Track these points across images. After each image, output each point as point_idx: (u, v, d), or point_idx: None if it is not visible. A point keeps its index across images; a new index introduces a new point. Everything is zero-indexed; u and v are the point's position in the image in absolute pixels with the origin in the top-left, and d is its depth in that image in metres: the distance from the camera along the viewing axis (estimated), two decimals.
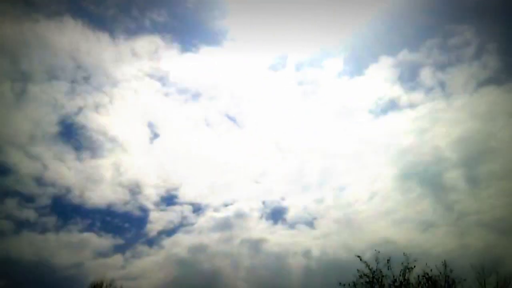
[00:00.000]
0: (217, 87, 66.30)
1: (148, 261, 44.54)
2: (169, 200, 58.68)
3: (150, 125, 55.93)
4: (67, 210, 41.59)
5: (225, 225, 53.28)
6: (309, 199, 60.94)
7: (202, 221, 53.48)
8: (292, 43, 73.04)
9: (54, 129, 33.09)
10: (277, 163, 65.60)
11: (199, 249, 48.98)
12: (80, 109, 37.14)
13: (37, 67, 31.66)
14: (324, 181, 62.08)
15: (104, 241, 42.43)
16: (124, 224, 48.48)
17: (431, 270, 25.82)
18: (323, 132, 68.40)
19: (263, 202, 59.27)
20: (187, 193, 57.42)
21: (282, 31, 75.96)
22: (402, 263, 26.28)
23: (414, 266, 26.23)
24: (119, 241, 47.71)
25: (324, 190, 61.27)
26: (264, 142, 69.57)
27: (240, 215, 54.43)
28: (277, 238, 52.44)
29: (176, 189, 57.21)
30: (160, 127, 56.50)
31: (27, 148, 30.20)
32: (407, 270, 26.09)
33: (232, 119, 65.83)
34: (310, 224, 58.35)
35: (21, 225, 33.59)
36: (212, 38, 60.63)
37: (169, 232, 55.38)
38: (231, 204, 58.84)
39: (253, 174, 66.88)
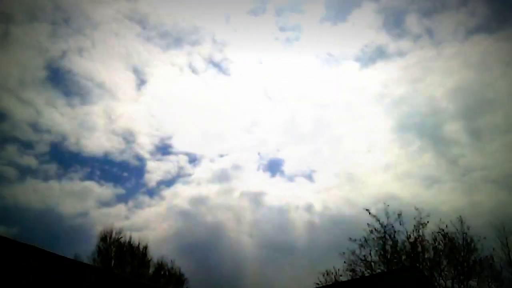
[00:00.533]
0: (198, 31, 62.97)
1: (151, 212, 44.04)
2: (163, 149, 57.56)
3: (136, 71, 54.16)
4: (65, 158, 41.07)
5: (222, 176, 52.18)
6: (305, 150, 59.77)
7: (199, 171, 52.44)
8: None
9: (42, 73, 32.15)
10: (268, 113, 63.69)
11: (199, 201, 48.20)
12: (64, 53, 35.88)
13: (17, 8, 29.61)
14: (318, 132, 60.61)
15: (106, 190, 41.89)
16: (123, 173, 47.91)
17: (446, 226, 24.34)
18: (311, 81, 66.10)
19: (259, 153, 58.10)
20: (180, 142, 56.10)
21: None
22: (414, 218, 24.76)
23: (428, 222, 24.77)
24: (120, 190, 47.28)
25: (319, 141, 60.00)
26: (252, 90, 67.27)
27: (237, 167, 53.22)
28: (277, 191, 51.66)
29: (169, 138, 55.76)
30: (145, 74, 54.48)
31: (18, 93, 29.10)
32: (420, 226, 24.64)
33: (217, 65, 62.81)
34: (309, 177, 57.50)
35: (24, 171, 33.10)
36: None
37: (168, 182, 54.63)
38: (226, 154, 57.72)
39: (245, 124, 65.34)
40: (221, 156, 54.36)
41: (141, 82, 54.01)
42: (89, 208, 39.21)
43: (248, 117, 67.65)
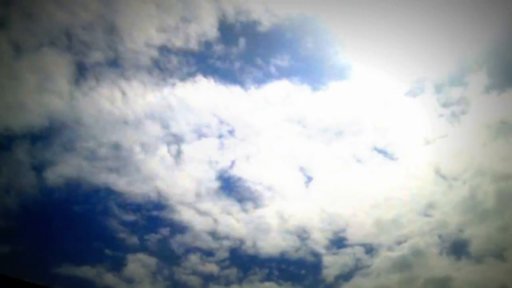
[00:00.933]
0: (357, 121, 63.02)
1: None
2: (338, 242, 56.40)
3: (301, 169, 56.54)
4: (244, 261, 43.68)
5: (403, 264, 48.29)
6: (491, 227, 52.57)
7: (377, 262, 49.54)
8: (427, 64, 65.69)
9: (215, 184, 36.43)
10: (444, 193, 58.56)
11: None
12: (232, 162, 40.34)
13: (185, 128, 34.74)
14: (504, 206, 53.02)
15: None
16: (300, 271, 48.69)
17: None
18: (486, 152, 58.99)
19: (439, 236, 52.79)
20: (354, 234, 54.82)
21: (409, 54, 69.32)
22: None
23: None
24: None
25: (506, 216, 52.38)
26: (423, 171, 63.16)
27: (417, 253, 49.00)
28: (464, 275, 45.43)
29: (343, 230, 55.26)
30: (311, 170, 55.87)
31: (196, 205, 33.05)
32: None
33: (382, 151, 60.97)
34: (500, 256, 49.62)
35: (207, 279, 35.87)
36: (339, 73, 58.96)
37: (346, 276, 53.04)
38: (404, 241, 53.95)
39: (420, 207, 60.86)
40: (399, 243, 51.22)
41: (308, 179, 56.22)
42: None
43: (422, 200, 63.76)
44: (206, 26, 32.93)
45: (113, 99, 30.21)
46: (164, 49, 32.07)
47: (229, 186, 38.11)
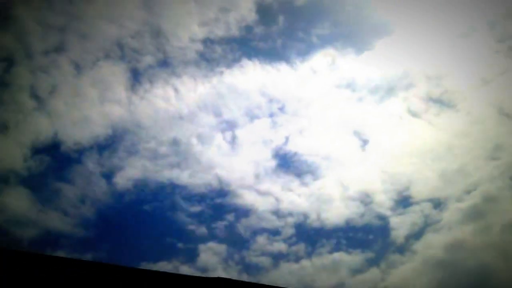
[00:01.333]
0: (408, 75, 60.55)
1: (405, 269, 43.00)
2: (404, 202, 55.94)
3: (356, 134, 55.84)
4: (310, 235, 44.90)
5: (475, 214, 46.80)
6: None
7: (447, 215, 48.62)
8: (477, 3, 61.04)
9: (272, 163, 37.16)
10: (510, 132, 55.60)
11: (455, 246, 44.70)
12: (286, 138, 40.95)
13: (237, 113, 35.83)
14: None
15: (355, 258, 43.81)
16: (368, 237, 49.32)
17: None
18: None
19: (511, 178, 50.83)
20: (419, 191, 53.78)
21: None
22: None
23: None
24: (369, 254, 48.23)
25: None
26: (485, 114, 59.80)
27: (489, 199, 46.96)
28: None
29: (406, 189, 54.46)
30: (365, 133, 55.10)
31: (256, 187, 34.32)
32: None
33: (437, 101, 58.30)
34: None
35: (277, 258, 37.60)
36: (382, 29, 56.73)
37: (416, 235, 52.91)
38: (474, 190, 52.36)
39: (486, 151, 57.56)
40: (468, 193, 50.13)
41: (364, 142, 55.81)
42: (344, 279, 41.39)
43: (488, 144, 60.92)
44: (245, 11, 33.52)
45: (167, 97, 31.85)
46: (207, 41, 33.20)
47: (286, 163, 38.72)
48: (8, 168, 25.03)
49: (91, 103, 29.21)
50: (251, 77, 38.26)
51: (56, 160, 27.14)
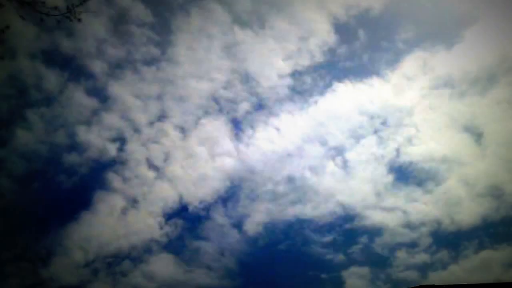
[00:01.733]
0: (507, 58, 55.55)
1: None
2: None
3: (467, 129, 53.12)
4: (450, 240, 43.63)
5: None
6: None
7: None
8: None
9: (389, 178, 37.09)
10: None
11: None
12: (397, 150, 40.55)
13: (342, 137, 36.59)
14: None
15: (504, 252, 41.94)
16: (510, 229, 47.75)
17: None
18: None
19: None
20: None
21: None
22: None
23: None
24: None
25: None
26: None
27: None
28: None
29: None
30: (477, 126, 52.22)
31: (380, 204, 34.64)
32: None
33: None
34: None
35: (423, 269, 37.38)
36: (470, 19, 53.92)
37: None
38: None
39: None
40: None
41: (478, 136, 53.29)
42: (499, 275, 40.53)
43: None
44: (323, 34, 33.51)
45: (271, 138, 32.37)
46: (295, 74, 33.46)
47: (403, 174, 37.51)
48: (149, 238, 26.72)
49: (203, 161, 30.42)
50: (346, 99, 37.66)
51: (188, 221, 28.43)
